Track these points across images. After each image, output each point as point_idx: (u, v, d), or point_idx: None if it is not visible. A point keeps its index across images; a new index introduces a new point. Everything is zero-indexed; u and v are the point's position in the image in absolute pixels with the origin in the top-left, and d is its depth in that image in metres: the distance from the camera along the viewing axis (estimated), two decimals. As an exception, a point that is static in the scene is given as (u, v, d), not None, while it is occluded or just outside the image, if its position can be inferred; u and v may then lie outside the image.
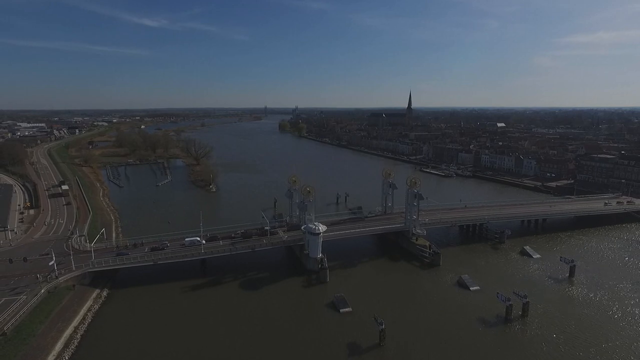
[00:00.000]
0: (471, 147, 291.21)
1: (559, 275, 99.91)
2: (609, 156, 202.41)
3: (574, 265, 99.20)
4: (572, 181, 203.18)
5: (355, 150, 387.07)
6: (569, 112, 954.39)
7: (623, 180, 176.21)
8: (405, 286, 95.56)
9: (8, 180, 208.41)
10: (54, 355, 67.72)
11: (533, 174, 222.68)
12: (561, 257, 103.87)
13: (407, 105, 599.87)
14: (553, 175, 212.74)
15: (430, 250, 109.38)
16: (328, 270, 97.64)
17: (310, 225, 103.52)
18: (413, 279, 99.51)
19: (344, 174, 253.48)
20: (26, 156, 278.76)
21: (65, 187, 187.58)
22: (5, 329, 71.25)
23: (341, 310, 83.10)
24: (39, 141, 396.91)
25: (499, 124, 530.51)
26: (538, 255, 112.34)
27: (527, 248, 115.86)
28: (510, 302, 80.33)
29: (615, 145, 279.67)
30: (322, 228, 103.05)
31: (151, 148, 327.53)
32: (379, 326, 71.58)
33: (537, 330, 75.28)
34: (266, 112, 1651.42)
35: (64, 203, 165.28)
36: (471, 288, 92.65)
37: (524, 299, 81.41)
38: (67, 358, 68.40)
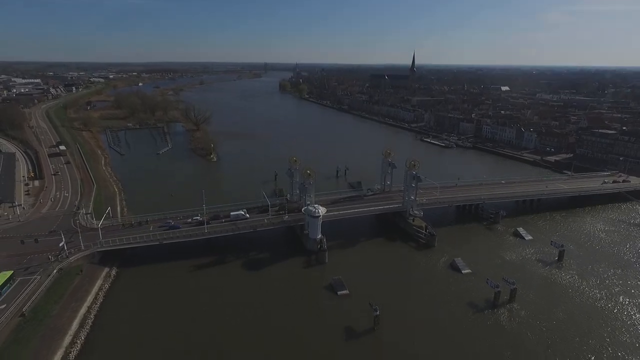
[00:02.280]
0: (473, 115, 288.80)
1: (549, 259, 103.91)
2: (609, 131, 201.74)
3: (563, 250, 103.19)
4: (571, 155, 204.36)
5: (356, 115, 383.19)
6: (577, 73, 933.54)
7: (621, 158, 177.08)
8: (401, 269, 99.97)
9: (9, 146, 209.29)
10: (70, 336, 72.20)
11: (533, 147, 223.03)
12: (552, 241, 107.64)
13: (410, 63, 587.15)
14: (552, 149, 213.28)
15: (426, 231, 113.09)
16: (327, 252, 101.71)
17: (310, 208, 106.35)
18: (408, 261, 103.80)
19: (345, 143, 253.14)
20: (25, 119, 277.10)
21: (62, 147, 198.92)
22: (24, 310, 75.89)
23: (339, 293, 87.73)
24: (35, 101, 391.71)
25: (503, 88, 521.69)
26: (530, 237, 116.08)
27: (521, 229, 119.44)
28: (499, 289, 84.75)
29: (619, 115, 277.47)
30: (321, 211, 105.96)
31: (150, 111, 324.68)
32: (374, 312, 76.31)
33: (524, 318, 79.83)
34: (266, 68, 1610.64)
35: (64, 162, 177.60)
36: (463, 271, 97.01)
37: (512, 285, 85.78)
38: (83, 338, 73.03)
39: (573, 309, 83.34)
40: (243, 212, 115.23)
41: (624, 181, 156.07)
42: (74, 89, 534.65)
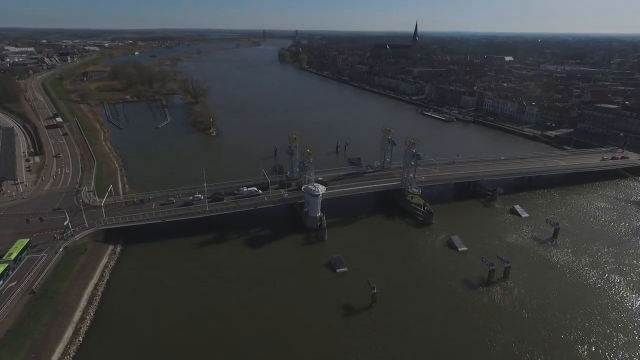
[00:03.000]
0: (475, 88, 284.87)
1: (544, 237, 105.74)
2: (611, 106, 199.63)
3: (558, 228, 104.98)
4: (572, 130, 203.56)
5: (356, 87, 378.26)
6: (583, 42, 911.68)
7: (622, 134, 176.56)
8: (398, 246, 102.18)
9: (7, 120, 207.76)
10: (80, 312, 74.89)
11: (534, 121, 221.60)
12: (547, 219, 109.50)
13: (412, 31, 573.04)
14: (553, 124, 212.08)
15: (424, 208, 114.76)
16: (326, 230, 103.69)
17: (310, 187, 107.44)
18: (406, 239, 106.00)
19: (345, 117, 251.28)
20: (20, 91, 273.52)
21: (59, 119, 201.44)
22: (33, 287, 78.57)
23: (337, 271, 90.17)
24: (30, 71, 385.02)
25: (507, 58, 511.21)
26: (527, 215, 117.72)
27: (517, 207, 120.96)
28: (494, 267, 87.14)
29: (622, 88, 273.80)
30: (321, 189, 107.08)
31: (148, 83, 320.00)
32: (372, 290, 78.96)
33: (517, 296, 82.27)
34: (265, 35, 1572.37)
35: (61, 134, 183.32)
36: (459, 249, 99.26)
37: (507, 263, 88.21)
38: (92, 314, 75.79)
39: (565, 287, 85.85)
40: (255, 189, 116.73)
41: (622, 157, 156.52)
42: (69, 58, 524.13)
